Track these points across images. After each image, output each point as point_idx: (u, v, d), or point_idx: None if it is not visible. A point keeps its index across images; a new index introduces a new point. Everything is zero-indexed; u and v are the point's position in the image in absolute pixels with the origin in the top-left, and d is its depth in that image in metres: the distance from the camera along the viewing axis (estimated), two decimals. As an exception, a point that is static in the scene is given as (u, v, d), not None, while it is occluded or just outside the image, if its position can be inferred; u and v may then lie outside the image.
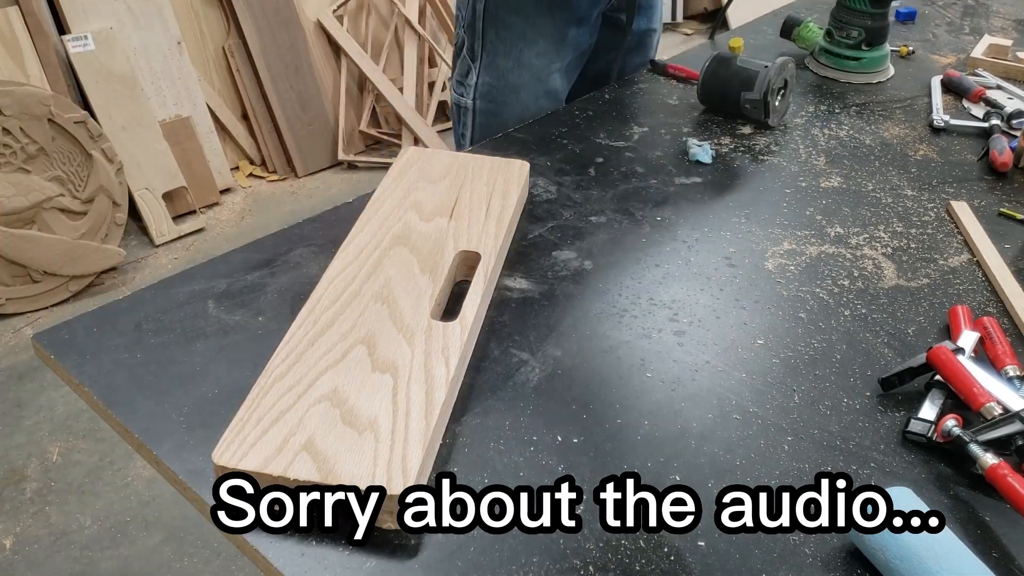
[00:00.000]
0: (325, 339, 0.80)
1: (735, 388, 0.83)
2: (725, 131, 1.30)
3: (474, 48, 1.44)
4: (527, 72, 1.43)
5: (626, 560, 0.66)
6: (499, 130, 1.29)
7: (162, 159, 2.81)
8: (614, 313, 0.92)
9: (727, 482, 0.73)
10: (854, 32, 1.47)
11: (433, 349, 0.79)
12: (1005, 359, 0.84)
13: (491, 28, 1.41)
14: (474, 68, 1.45)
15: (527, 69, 1.43)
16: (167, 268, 2.73)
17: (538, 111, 1.39)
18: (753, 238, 1.06)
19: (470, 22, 1.44)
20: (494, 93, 1.45)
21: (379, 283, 0.87)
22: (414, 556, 0.66)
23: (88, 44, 2.64)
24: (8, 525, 1.90)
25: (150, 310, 0.89)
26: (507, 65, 1.43)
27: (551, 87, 1.46)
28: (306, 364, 0.77)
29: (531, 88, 1.44)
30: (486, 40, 1.42)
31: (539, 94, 1.45)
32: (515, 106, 1.44)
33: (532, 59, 1.42)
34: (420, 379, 0.75)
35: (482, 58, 1.44)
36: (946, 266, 1.02)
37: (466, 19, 1.45)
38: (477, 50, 1.44)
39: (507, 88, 1.44)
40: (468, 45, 1.46)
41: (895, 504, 0.65)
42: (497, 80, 1.44)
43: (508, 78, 1.44)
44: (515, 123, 1.31)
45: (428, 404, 0.73)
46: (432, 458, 0.72)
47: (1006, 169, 1.21)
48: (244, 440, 0.69)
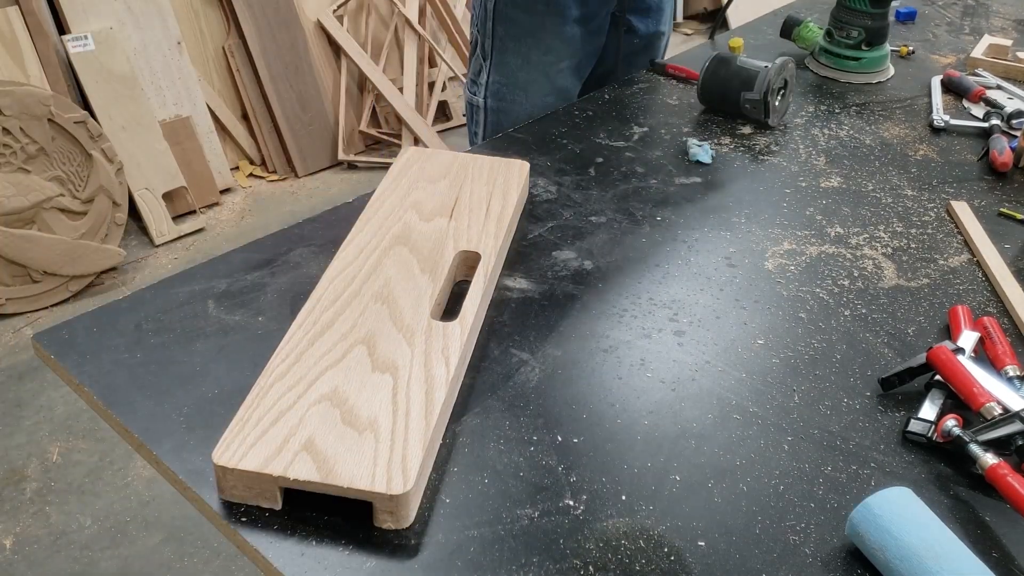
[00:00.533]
0: (325, 339, 0.80)
1: (735, 388, 0.83)
2: (725, 131, 1.30)
3: (485, 46, 1.45)
4: (535, 70, 1.43)
5: (626, 560, 0.66)
6: (509, 128, 1.30)
7: (162, 159, 2.80)
8: (614, 313, 0.92)
9: (727, 482, 0.73)
10: (854, 32, 1.47)
11: (433, 349, 0.79)
12: (1005, 359, 0.84)
13: (500, 26, 1.42)
14: (485, 66, 1.46)
15: (535, 67, 1.43)
16: (167, 268, 2.73)
17: (547, 109, 1.38)
18: (753, 238, 1.06)
19: (482, 20, 1.44)
20: (504, 91, 1.45)
21: (379, 283, 0.87)
22: (414, 556, 0.66)
23: (88, 44, 2.64)
24: (8, 525, 1.90)
25: (150, 310, 0.89)
26: (516, 63, 1.43)
27: (560, 85, 1.46)
28: (306, 364, 0.77)
29: (539, 86, 1.45)
30: (495, 38, 1.43)
31: (547, 92, 1.45)
32: (524, 104, 1.44)
33: (540, 57, 1.42)
34: (420, 379, 0.75)
35: (493, 56, 1.44)
36: (946, 266, 1.02)
37: (479, 18, 1.45)
38: (488, 48, 1.44)
39: (516, 86, 1.45)
40: (480, 44, 1.46)
41: (895, 504, 0.65)
42: (507, 78, 1.45)
43: (517, 76, 1.44)
44: (524, 121, 1.31)
45: (428, 404, 0.73)
46: (432, 458, 0.72)
47: (1006, 169, 1.21)
48: (244, 440, 0.69)
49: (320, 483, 0.66)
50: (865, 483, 0.74)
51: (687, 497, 0.72)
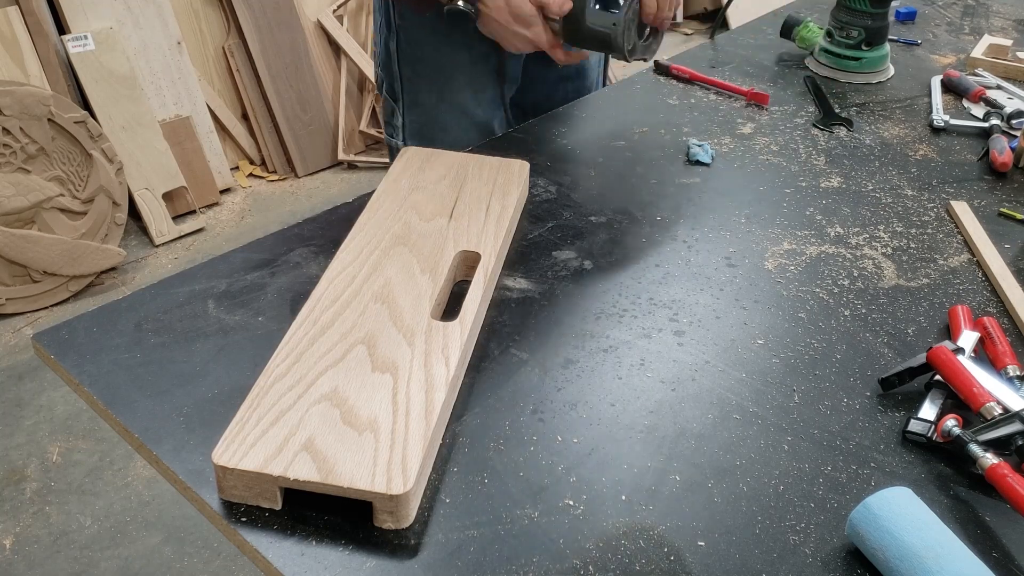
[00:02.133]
0: (325, 339, 0.80)
1: (735, 388, 0.83)
2: (725, 131, 1.30)
3: (394, 88, 1.36)
4: (452, 108, 1.35)
5: (626, 560, 0.66)
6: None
7: (162, 159, 2.81)
8: (614, 313, 0.92)
9: (727, 482, 0.73)
10: (854, 32, 1.47)
11: (433, 349, 0.79)
12: (1005, 359, 0.84)
13: (407, 66, 1.34)
14: (398, 108, 1.38)
15: (451, 104, 1.35)
16: (167, 268, 2.73)
17: (473, 143, 1.28)
18: (753, 238, 1.06)
19: (385, 62, 1.36)
20: (424, 131, 1.37)
21: (379, 283, 0.87)
22: (414, 556, 0.66)
23: (88, 44, 2.64)
24: (8, 525, 1.90)
25: (150, 310, 0.89)
26: (430, 102, 1.35)
27: (479, 120, 1.37)
28: (306, 364, 0.77)
29: (459, 123, 1.36)
30: (404, 79, 1.35)
31: (467, 128, 1.37)
32: (445, 142, 1.29)
33: (455, 94, 1.34)
34: (420, 379, 0.75)
35: (403, 98, 1.36)
36: (946, 266, 1.02)
37: (381, 58, 1.37)
38: (398, 90, 1.36)
39: (435, 125, 1.37)
40: (388, 85, 1.38)
41: (895, 504, 0.65)
42: (422, 117, 1.36)
43: (433, 115, 1.36)
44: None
45: (428, 404, 0.73)
46: (432, 458, 0.72)
47: (1006, 169, 1.21)
48: (244, 440, 0.69)
49: (320, 483, 0.66)
50: (865, 483, 0.74)
51: (687, 497, 0.72)
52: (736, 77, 1.47)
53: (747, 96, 1.39)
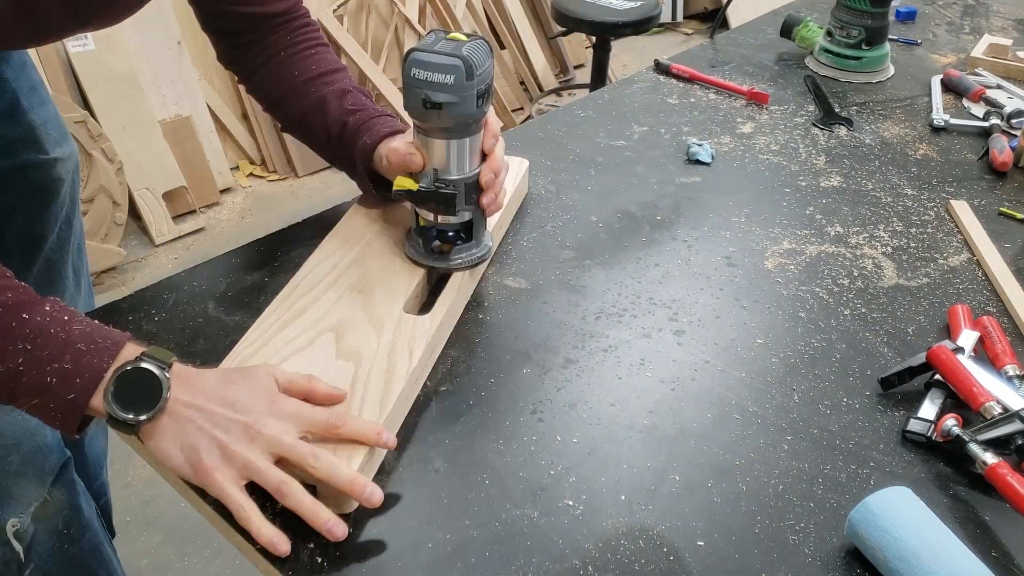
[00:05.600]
0: (296, 325, 0.81)
1: (735, 388, 0.83)
2: (725, 131, 1.30)
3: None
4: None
5: (626, 560, 0.66)
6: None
7: (162, 159, 2.80)
8: (614, 313, 0.92)
9: (726, 482, 0.73)
10: (854, 31, 1.47)
11: (399, 340, 0.79)
12: (1005, 358, 0.84)
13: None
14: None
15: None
16: (167, 268, 2.73)
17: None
18: (753, 238, 1.06)
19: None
20: None
21: (358, 274, 0.88)
22: (414, 556, 0.66)
23: (88, 44, 2.64)
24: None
25: (150, 310, 0.89)
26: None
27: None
28: (272, 348, 0.78)
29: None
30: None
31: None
32: None
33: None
34: (381, 369, 0.76)
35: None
36: (946, 265, 1.02)
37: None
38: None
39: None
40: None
41: (895, 504, 0.65)
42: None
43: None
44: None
45: (385, 394, 0.74)
46: (382, 451, 0.72)
47: (1006, 168, 1.21)
48: None
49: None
50: (865, 483, 0.74)
51: (686, 497, 0.72)
52: (736, 77, 1.47)
53: (747, 96, 1.39)
